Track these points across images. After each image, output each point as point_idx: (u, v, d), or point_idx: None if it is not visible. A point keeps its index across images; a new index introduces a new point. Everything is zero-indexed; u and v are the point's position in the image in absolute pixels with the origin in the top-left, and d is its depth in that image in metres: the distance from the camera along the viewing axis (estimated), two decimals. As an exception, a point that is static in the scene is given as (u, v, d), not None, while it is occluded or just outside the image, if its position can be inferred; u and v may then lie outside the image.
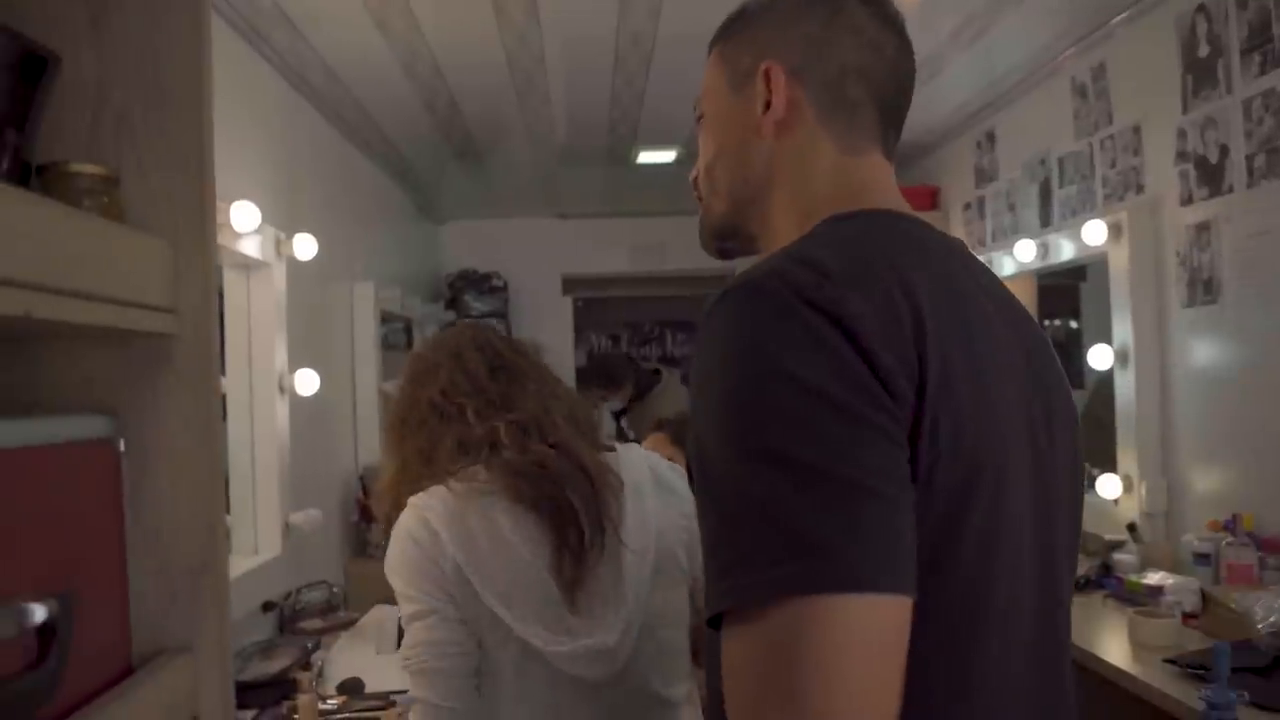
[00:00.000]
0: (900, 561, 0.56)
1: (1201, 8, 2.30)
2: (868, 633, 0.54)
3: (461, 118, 3.38)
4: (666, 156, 4.06)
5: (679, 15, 2.51)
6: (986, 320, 0.69)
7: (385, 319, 3.68)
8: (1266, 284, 2.12)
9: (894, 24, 0.80)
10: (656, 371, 4.05)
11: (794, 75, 0.78)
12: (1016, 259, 3.09)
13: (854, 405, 0.57)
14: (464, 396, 1.21)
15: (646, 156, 4.05)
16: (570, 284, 5.47)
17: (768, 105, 0.78)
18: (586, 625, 1.09)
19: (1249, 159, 2.17)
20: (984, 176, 3.61)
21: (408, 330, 4.39)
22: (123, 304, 0.66)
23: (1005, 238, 3.37)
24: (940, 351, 0.61)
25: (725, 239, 0.87)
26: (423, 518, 1.12)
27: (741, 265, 0.76)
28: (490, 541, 1.10)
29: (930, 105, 3.40)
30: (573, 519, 1.10)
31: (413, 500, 1.15)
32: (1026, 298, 3.30)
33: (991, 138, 3.53)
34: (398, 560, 1.13)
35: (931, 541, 0.60)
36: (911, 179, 4.08)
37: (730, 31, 0.85)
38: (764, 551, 0.55)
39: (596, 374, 3.89)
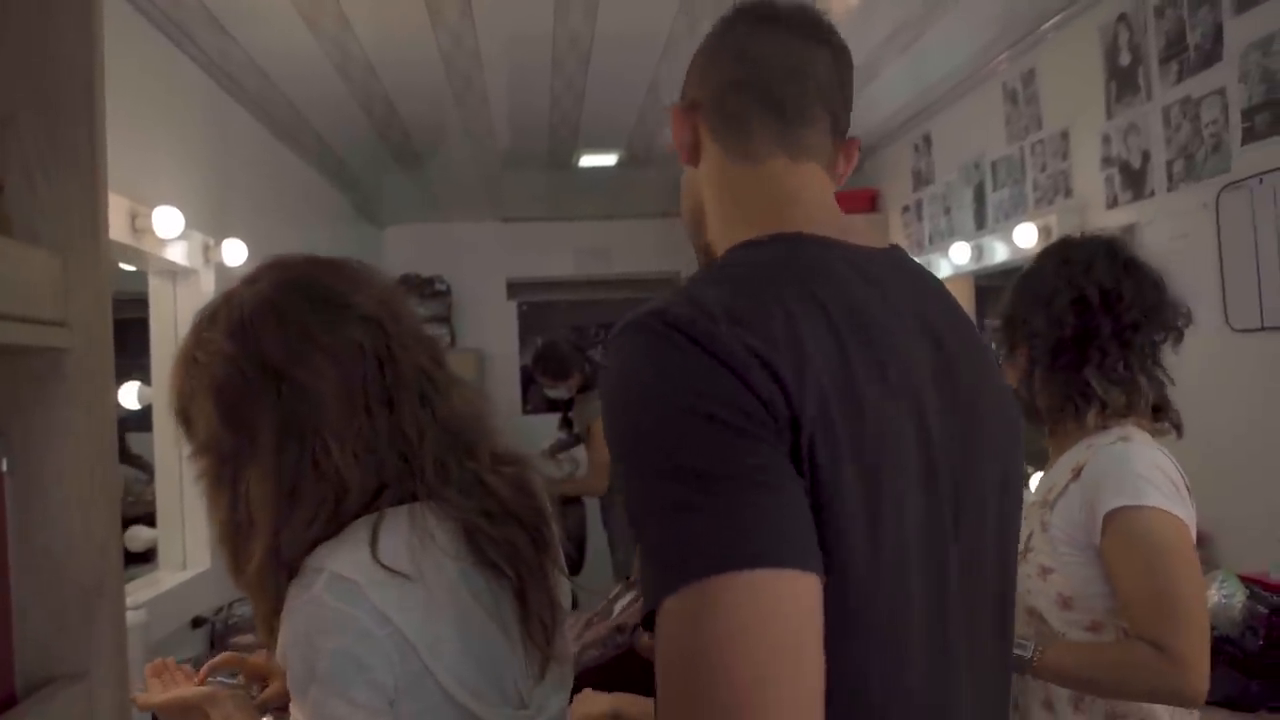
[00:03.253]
0: (801, 542, 0.60)
1: (1123, 17, 2.36)
2: (779, 604, 0.57)
3: (399, 119, 3.34)
4: (608, 160, 4.06)
5: (615, 16, 2.50)
6: (890, 345, 0.71)
7: (323, 325, 3.61)
8: (1187, 285, 2.17)
9: (782, 26, 0.83)
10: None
11: (691, 108, 0.85)
12: (952, 261, 3.14)
13: (732, 420, 0.61)
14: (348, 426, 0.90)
15: (589, 160, 4.04)
16: (515, 288, 5.43)
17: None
18: (541, 695, 0.92)
19: (1169, 164, 2.23)
20: (921, 179, 3.67)
21: (348, 336, 4.31)
22: (7, 318, 0.63)
23: (942, 240, 3.43)
24: (818, 381, 0.64)
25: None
26: (364, 604, 0.81)
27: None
28: (449, 611, 0.85)
29: (868, 108, 3.45)
30: (531, 578, 0.91)
31: (326, 580, 0.82)
32: (965, 299, 3.36)
33: (928, 141, 3.59)
34: (328, 667, 0.80)
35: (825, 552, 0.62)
36: (851, 181, 4.11)
37: None
38: (672, 551, 0.59)
39: (545, 360, 3.84)
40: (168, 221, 1.98)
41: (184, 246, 2.21)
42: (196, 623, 2.27)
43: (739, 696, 0.55)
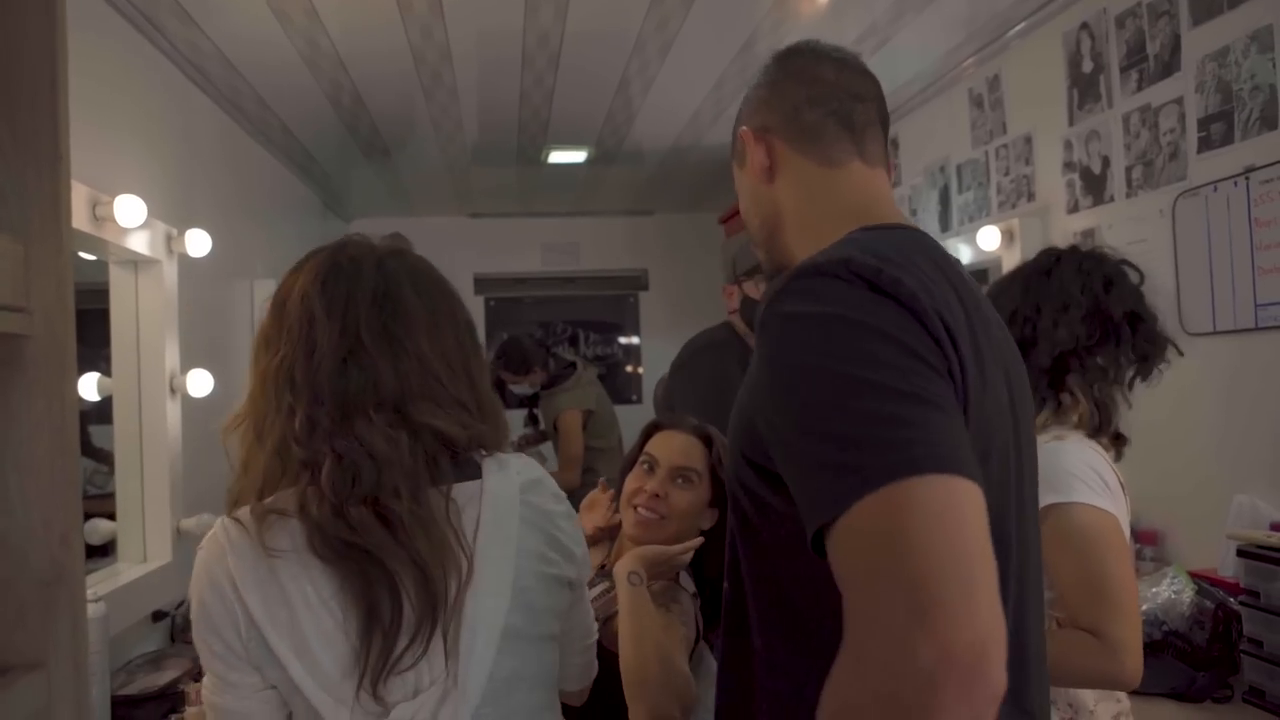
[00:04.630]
0: (971, 458, 0.67)
1: (1085, 25, 2.41)
2: (964, 507, 0.63)
3: (367, 112, 3.31)
4: (577, 157, 4.05)
5: (585, 14, 2.51)
6: (986, 321, 0.82)
7: (288, 318, 3.58)
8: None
9: (834, 61, 0.97)
10: (572, 364, 4.04)
11: (762, 130, 0.97)
12: (917, 263, 3.18)
13: (922, 353, 0.71)
14: (295, 387, 0.93)
15: (558, 156, 4.03)
16: (482, 284, 5.41)
17: (754, 160, 0.97)
18: (399, 708, 0.89)
19: (1128, 170, 2.28)
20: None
21: (313, 330, 4.27)
22: (-35, 303, 0.62)
23: (907, 242, 3.47)
24: (964, 341, 0.74)
25: (773, 278, 0.98)
26: (221, 558, 0.89)
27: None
28: (297, 593, 0.88)
29: (836, 111, 3.48)
30: (387, 599, 0.87)
31: (216, 525, 0.92)
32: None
33: (895, 144, 3.63)
34: (193, 609, 0.91)
35: None
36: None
37: (732, 132, 1.05)
38: (868, 452, 0.64)
39: (507, 356, 3.85)
40: (129, 210, 1.95)
41: (146, 236, 2.18)
42: (157, 616, 2.24)
43: (960, 567, 0.60)
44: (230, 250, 2.97)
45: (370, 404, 0.93)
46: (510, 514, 0.96)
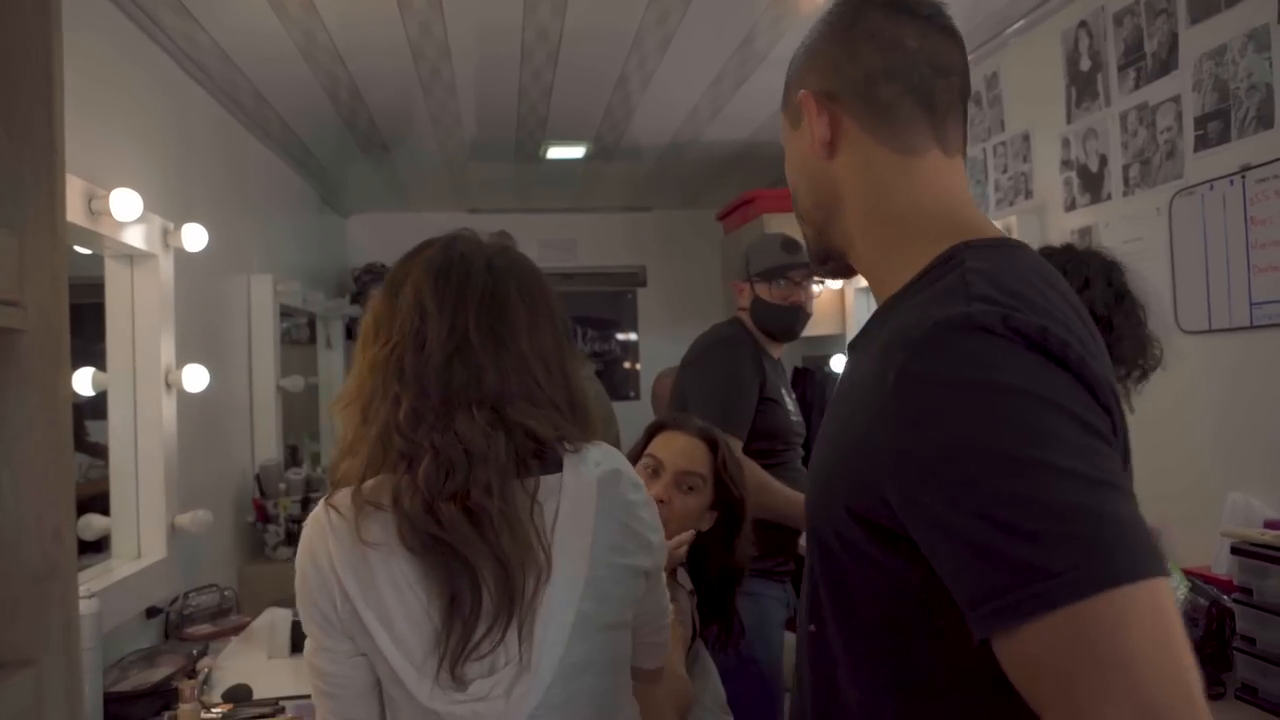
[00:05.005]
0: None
1: (1083, 24, 2.41)
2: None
3: (365, 107, 3.31)
4: (576, 152, 4.05)
5: (584, 10, 2.50)
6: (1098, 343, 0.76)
7: (285, 313, 3.57)
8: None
9: (915, 17, 0.83)
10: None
11: (827, 97, 0.84)
12: (914, 260, 3.18)
13: (1095, 424, 0.65)
14: (403, 378, 0.99)
15: (556, 152, 4.03)
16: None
17: (813, 130, 0.85)
18: (475, 684, 0.95)
19: (1125, 169, 2.28)
20: (885, 179, 3.71)
21: (310, 325, 4.27)
22: (-42, 297, 0.62)
23: (904, 239, 3.47)
24: (1118, 400, 0.69)
25: (824, 261, 0.92)
26: (323, 539, 0.97)
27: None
28: (389, 578, 0.95)
29: (834, 108, 3.47)
30: (468, 591, 0.94)
31: (319, 508, 1.00)
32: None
33: (892, 142, 3.63)
34: (297, 579, 1.01)
35: None
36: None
37: (787, 77, 0.93)
38: (1066, 552, 0.59)
39: None
40: (125, 204, 1.95)
41: (142, 230, 2.18)
42: (151, 613, 2.24)
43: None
44: (227, 245, 2.96)
45: (472, 400, 0.98)
46: (587, 507, 1.01)
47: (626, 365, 5.56)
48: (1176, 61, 2.09)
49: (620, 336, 5.58)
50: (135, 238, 2.14)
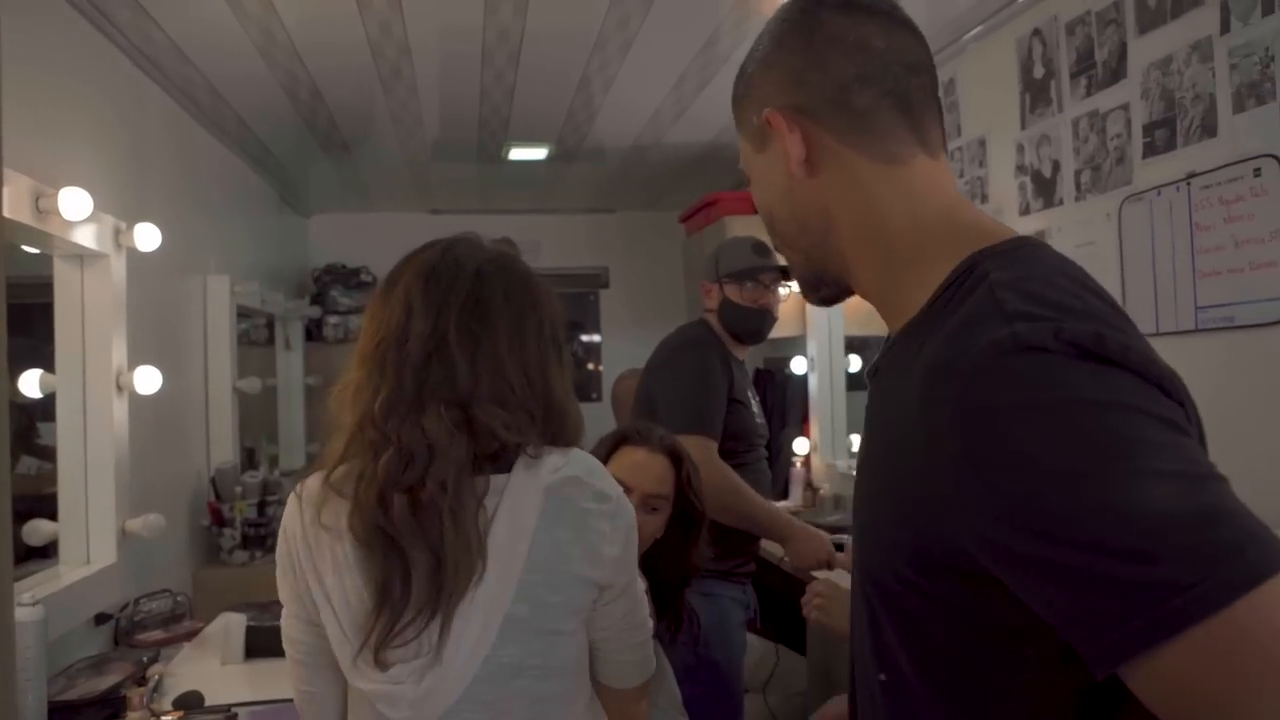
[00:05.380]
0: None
1: (1037, 31, 2.45)
2: None
3: (325, 106, 3.27)
4: (538, 154, 4.04)
5: (546, 11, 2.50)
6: None
7: (243, 314, 3.53)
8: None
9: (874, 14, 0.79)
10: None
11: (797, 112, 0.78)
12: (874, 263, 3.21)
13: (1173, 420, 0.60)
14: (384, 371, 1.04)
15: (518, 154, 4.02)
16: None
17: (787, 151, 0.78)
18: (395, 668, 1.00)
19: (1076, 174, 2.33)
20: (846, 183, 3.74)
21: (269, 326, 4.22)
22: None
23: (865, 243, 3.51)
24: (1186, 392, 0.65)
25: (817, 289, 0.87)
26: (293, 516, 1.06)
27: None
28: (333, 558, 1.02)
29: (796, 112, 3.50)
30: (399, 580, 0.98)
31: (297, 488, 1.08)
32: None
33: (853, 146, 3.66)
34: (277, 549, 1.10)
35: None
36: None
37: (736, 96, 0.86)
38: (1193, 560, 0.54)
39: None
40: (74, 203, 1.91)
41: (93, 230, 2.14)
42: (100, 619, 2.20)
43: None
44: (182, 244, 2.92)
45: (444, 399, 1.02)
46: (529, 510, 1.02)
47: (590, 366, 5.56)
48: (1125, 70, 2.14)
49: (583, 338, 5.58)
50: (85, 237, 2.10)
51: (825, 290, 0.86)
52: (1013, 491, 0.59)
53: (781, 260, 2.52)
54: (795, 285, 3.15)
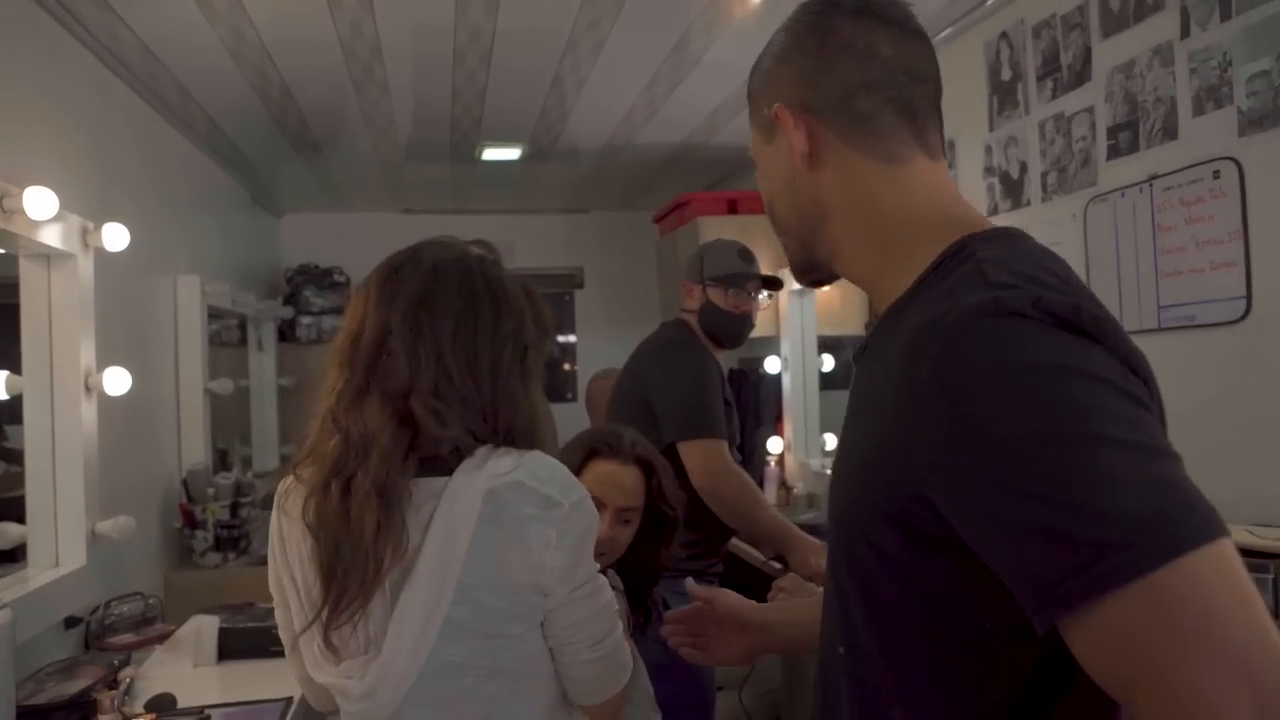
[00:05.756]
0: None
1: (1004, 35, 2.49)
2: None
3: (296, 105, 3.25)
4: (512, 154, 4.04)
5: (517, 11, 2.50)
6: None
7: (214, 315, 3.50)
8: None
9: (887, 22, 0.82)
10: None
11: (804, 110, 0.83)
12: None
13: (1143, 399, 0.65)
14: (341, 365, 1.09)
15: (492, 154, 4.01)
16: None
17: (791, 144, 0.84)
18: (345, 663, 1.05)
19: (1043, 176, 2.37)
20: (818, 184, 3.77)
21: (241, 327, 4.19)
22: None
23: (837, 243, 3.54)
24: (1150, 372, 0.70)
25: (807, 272, 0.92)
26: (273, 511, 1.13)
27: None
28: (294, 548, 1.09)
29: (769, 113, 3.52)
30: (338, 567, 1.03)
31: (279, 489, 1.12)
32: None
33: (825, 147, 3.69)
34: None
35: None
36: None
37: (750, 88, 0.91)
38: (1142, 518, 0.58)
39: None
40: (40, 203, 1.89)
41: (59, 229, 2.11)
42: (70, 623, 2.18)
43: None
44: (151, 244, 2.89)
45: (386, 390, 1.06)
46: (467, 512, 1.02)
47: (565, 367, 5.56)
48: (1090, 74, 2.18)
49: (558, 338, 5.58)
50: (52, 237, 2.08)
51: (815, 274, 0.91)
52: (979, 443, 0.64)
53: (765, 270, 2.56)
54: (774, 296, 3.13)
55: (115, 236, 2.33)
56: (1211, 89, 1.84)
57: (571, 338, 5.56)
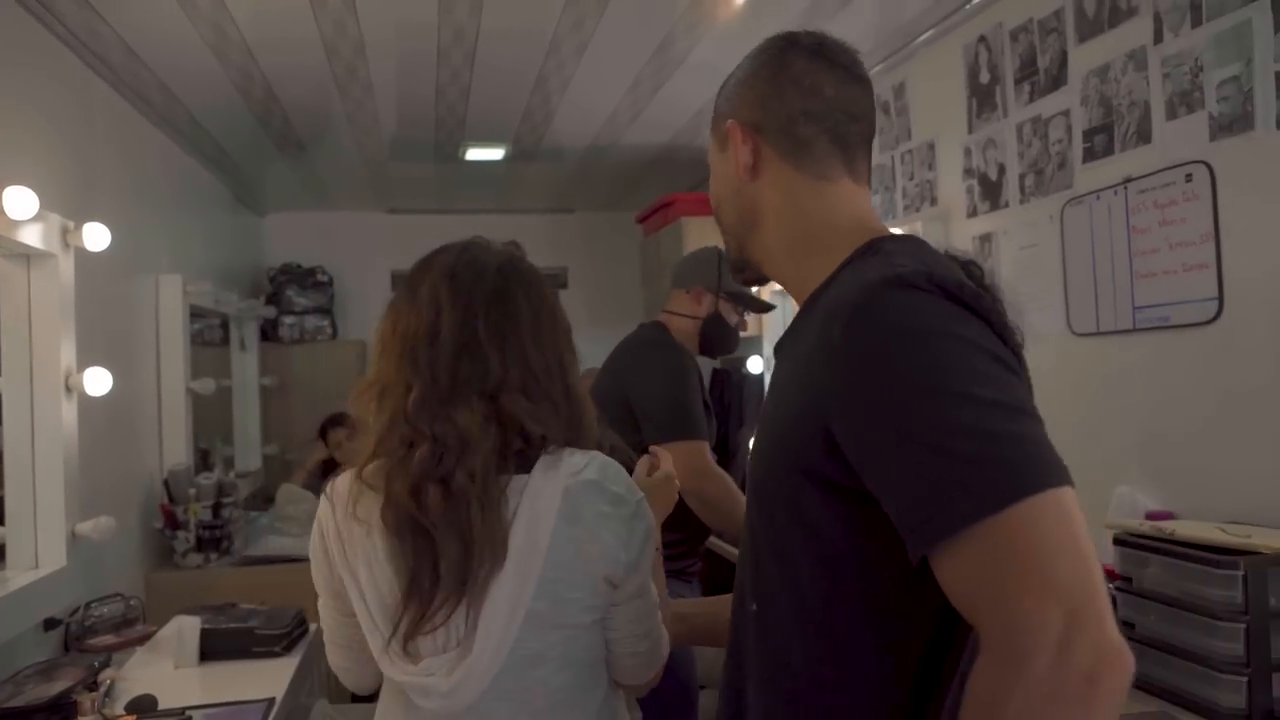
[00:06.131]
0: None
1: (983, 38, 2.51)
2: (1075, 515, 0.70)
3: (280, 104, 3.24)
4: (495, 154, 4.04)
5: (500, 12, 2.51)
6: None
7: (196, 314, 3.49)
8: (1035, 291, 2.35)
9: (834, 65, 0.97)
10: None
11: (753, 128, 0.98)
12: (828, 264, 3.26)
13: (1010, 363, 0.78)
14: (417, 367, 1.08)
15: (475, 154, 4.01)
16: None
17: (737, 155, 0.98)
18: (426, 661, 1.04)
19: (1021, 178, 2.39)
20: (801, 184, 3.79)
21: (224, 326, 4.17)
22: None
23: (819, 243, 3.56)
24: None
25: (741, 270, 1.05)
26: (327, 511, 1.11)
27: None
28: (365, 552, 1.06)
29: (751, 114, 3.54)
30: (429, 571, 1.03)
31: (328, 487, 1.12)
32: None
33: (808, 148, 3.71)
34: (311, 544, 1.15)
35: None
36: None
37: (716, 103, 1.05)
38: (994, 466, 0.70)
39: None
40: (19, 202, 1.88)
41: (39, 229, 2.10)
42: (49, 624, 2.17)
43: (1093, 570, 0.68)
44: (133, 244, 2.88)
45: (475, 391, 1.07)
46: (548, 510, 1.06)
47: (550, 366, 5.56)
48: (1066, 77, 2.20)
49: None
50: (31, 237, 2.07)
51: (749, 272, 1.04)
52: (874, 391, 0.76)
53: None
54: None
55: (96, 236, 2.32)
56: (1184, 93, 1.87)
57: (556, 337, 5.56)
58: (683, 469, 2.21)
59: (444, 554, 1.01)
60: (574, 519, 1.06)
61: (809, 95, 0.95)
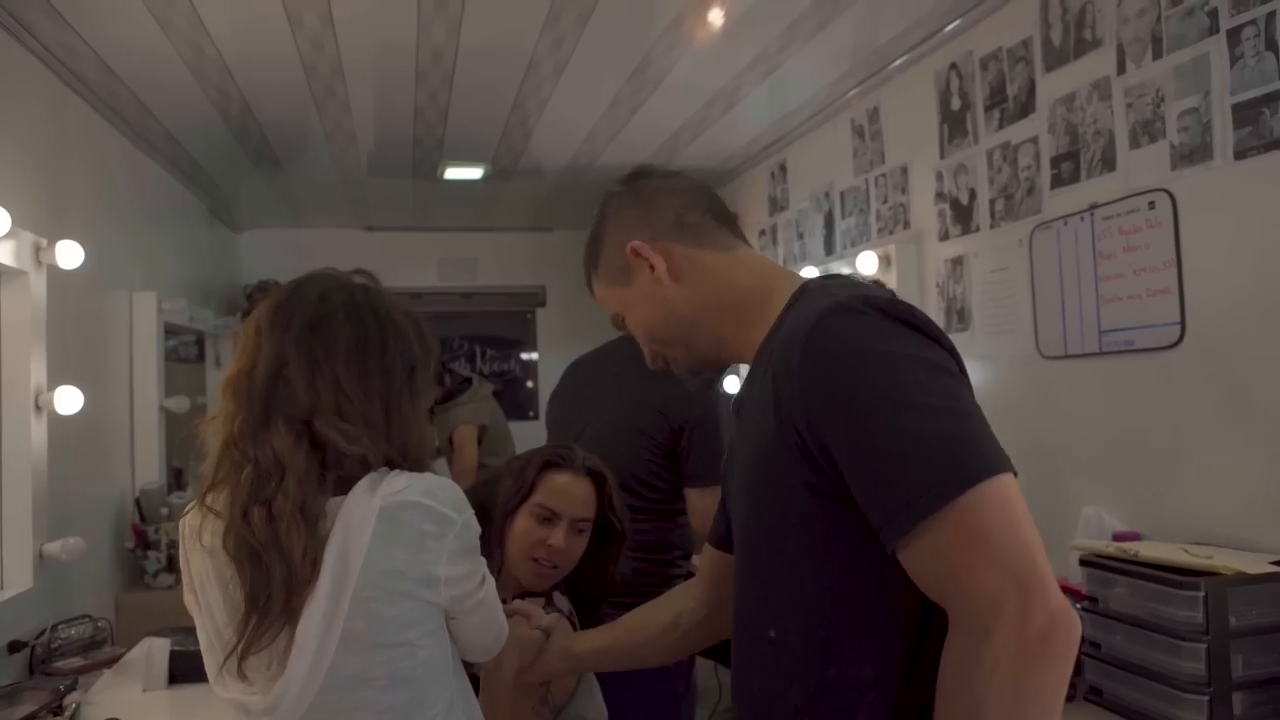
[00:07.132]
0: None
1: (954, 65, 2.56)
2: (1015, 498, 0.82)
3: (257, 121, 3.24)
4: (474, 173, 4.05)
5: (478, 33, 2.52)
6: None
7: (171, 331, 3.46)
8: (1004, 315, 2.38)
9: (670, 176, 1.14)
10: (467, 380, 4.06)
11: (652, 239, 1.08)
12: (803, 284, 3.29)
13: (947, 365, 0.88)
14: (238, 397, 1.11)
15: (454, 173, 4.02)
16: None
17: (653, 268, 1.07)
18: (250, 680, 1.07)
19: (991, 203, 2.43)
20: (777, 205, 3.84)
21: (199, 344, 4.14)
22: None
23: (795, 264, 3.59)
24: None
25: (701, 373, 1.14)
26: (181, 540, 1.15)
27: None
28: (211, 576, 1.10)
29: (729, 134, 3.58)
30: (264, 592, 1.05)
31: (185, 517, 1.14)
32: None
33: (784, 169, 3.76)
34: None
35: None
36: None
37: (594, 265, 1.16)
38: (940, 464, 0.81)
39: None
40: (-8, 221, 1.87)
41: (10, 246, 2.09)
42: (14, 647, 2.14)
43: (1037, 545, 0.80)
44: (107, 261, 2.86)
45: (284, 415, 1.09)
46: (361, 529, 1.06)
47: (528, 384, 5.56)
48: (1034, 105, 2.25)
49: (521, 356, 5.58)
50: (3, 254, 2.06)
51: (706, 372, 1.13)
52: (832, 403, 0.86)
53: None
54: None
55: (69, 254, 2.30)
56: (1146, 123, 1.91)
57: (533, 356, 5.56)
58: (708, 511, 2.11)
59: (271, 575, 1.04)
60: (391, 538, 1.07)
61: (675, 195, 1.10)
